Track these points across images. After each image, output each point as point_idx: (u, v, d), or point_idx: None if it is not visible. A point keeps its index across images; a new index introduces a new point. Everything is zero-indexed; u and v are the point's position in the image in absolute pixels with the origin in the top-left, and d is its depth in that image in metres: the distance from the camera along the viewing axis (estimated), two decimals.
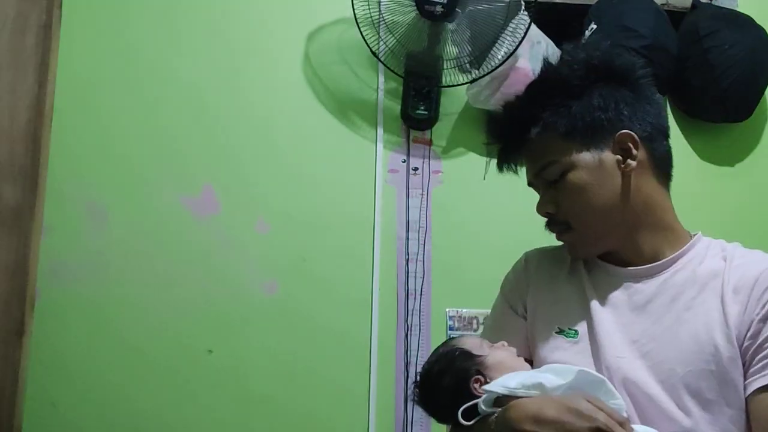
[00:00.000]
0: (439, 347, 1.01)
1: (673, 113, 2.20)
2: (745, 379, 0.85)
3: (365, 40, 1.93)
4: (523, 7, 1.90)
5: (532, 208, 1.09)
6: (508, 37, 1.90)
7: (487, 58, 1.93)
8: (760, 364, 0.84)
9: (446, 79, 1.98)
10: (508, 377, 0.89)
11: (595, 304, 0.97)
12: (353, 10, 1.90)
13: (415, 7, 1.86)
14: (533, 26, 1.98)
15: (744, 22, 2.11)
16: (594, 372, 0.88)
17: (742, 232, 2.16)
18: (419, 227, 2.02)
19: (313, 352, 1.91)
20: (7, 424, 1.75)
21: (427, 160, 2.06)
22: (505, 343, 1.00)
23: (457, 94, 2.08)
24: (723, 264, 0.93)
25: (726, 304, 0.88)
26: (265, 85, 2.06)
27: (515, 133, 1.02)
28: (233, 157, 2.01)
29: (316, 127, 2.05)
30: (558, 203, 0.99)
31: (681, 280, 0.93)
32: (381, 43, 1.97)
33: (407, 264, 1.99)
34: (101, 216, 1.93)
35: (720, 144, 2.20)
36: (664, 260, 0.96)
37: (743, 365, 0.86)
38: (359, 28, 1.92)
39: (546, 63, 1.04)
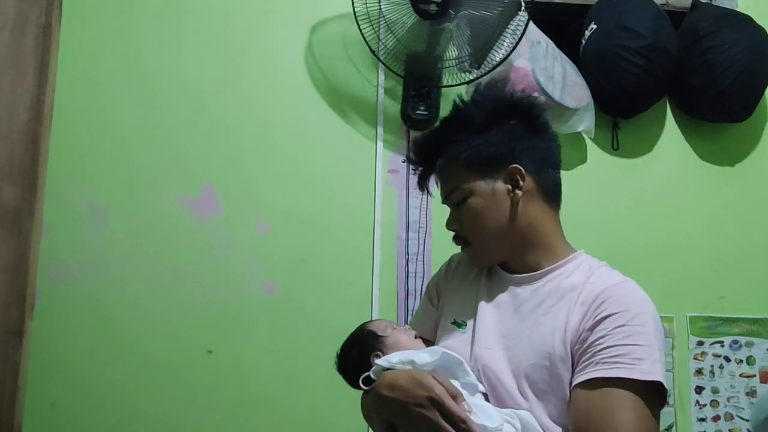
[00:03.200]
0: (356, 328, 1.23)
1: (673, 113, 2.20)
2: (571, 376, 1.02)
3: (366, 40, 1.93)
4: (522, 8, 1.90)
5: None
6: (507, 37, 1.90)
7: (487, 58, 1.93)
8: (582, 365, 1.00)
9: (446, 79, 1.98)
10: (394, 354, 1.09)
11: (482, 302, 1.16)
12: (353, 8, 1.90)
13: (410, 5, 1.86)
14: (533, 26, 1.98)
15: (744, 22, 2.11)
16: (454, 354, 1.07)
17: (742, 232, 2.19)
18: (419, 227, 2.02)
19: (313, 351, 1.91)
20: (7, 424, 1.75)
21: None
22: (408, 327, 1.21)
23: (457, 94, 2.08)
24: (583, 280, 1.09)
25: (571, 314, 1.05)
26: (265, 86, 2.06)
27: (427, 161, 1.21)
28: (233, 157, 2.01)
29: (317, 128, 2.06)
30: (461, 222, 1.17)
31: (548, 289, 1.11)
32: (380, 43, 1.97)
33: (407, 264, 1.99)
34: (101, 216, 1.93)
35: (720, 144, 2.21)
36: (539, 271, 1.13)
37: (572, 365, 1.02)
38: (359, 27, 1.92)
39: (458, 101, 1.21)
